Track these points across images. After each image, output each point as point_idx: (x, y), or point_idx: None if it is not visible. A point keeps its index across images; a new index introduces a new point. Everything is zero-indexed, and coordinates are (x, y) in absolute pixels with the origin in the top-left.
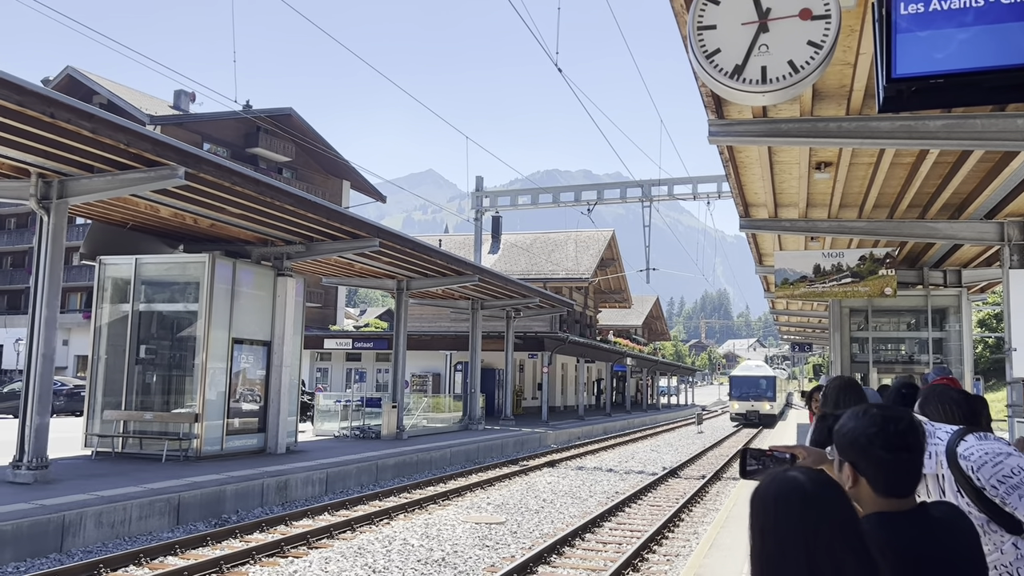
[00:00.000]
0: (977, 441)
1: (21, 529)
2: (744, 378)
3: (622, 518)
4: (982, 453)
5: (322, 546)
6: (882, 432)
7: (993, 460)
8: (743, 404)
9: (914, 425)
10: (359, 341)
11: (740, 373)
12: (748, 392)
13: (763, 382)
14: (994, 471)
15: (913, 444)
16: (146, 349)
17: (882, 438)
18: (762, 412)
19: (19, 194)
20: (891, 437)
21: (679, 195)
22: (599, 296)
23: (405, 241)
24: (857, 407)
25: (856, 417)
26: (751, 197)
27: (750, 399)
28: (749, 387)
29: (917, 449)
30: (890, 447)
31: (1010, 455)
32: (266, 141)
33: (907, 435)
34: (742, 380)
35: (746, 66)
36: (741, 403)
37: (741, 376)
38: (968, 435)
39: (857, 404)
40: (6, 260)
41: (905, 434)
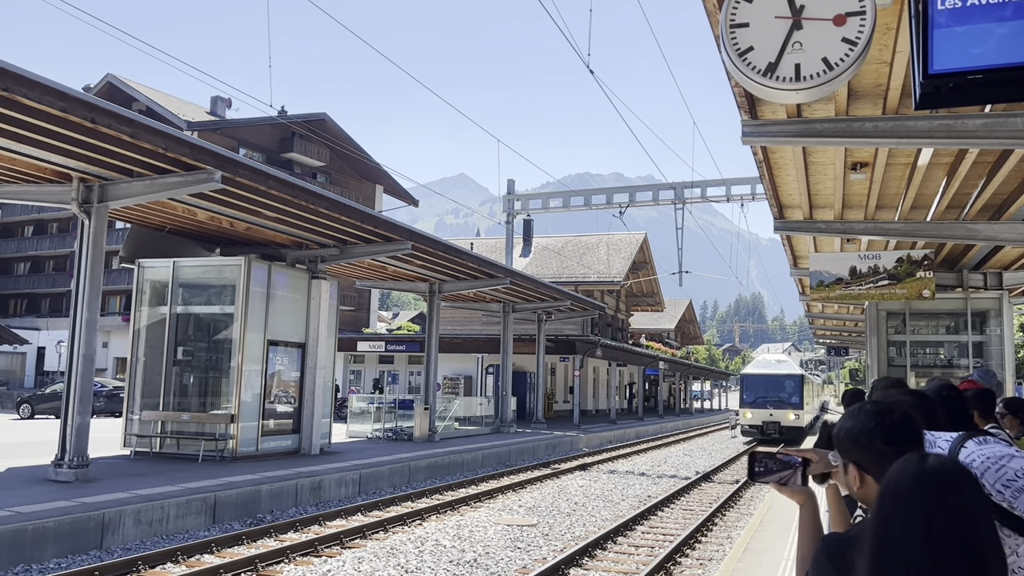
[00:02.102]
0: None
1: (62, 526)
2: (760, 377)
3: (654, 522)
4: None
5: (355, 546)
6: (880, 426)
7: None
8: (758, 413)
9: (909, 416)
10: (392, 344)
11: (755, 371)
12: (765, 396)
13: (786, 383)
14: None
15: (911, 434)
16: (183, 351)
17: (881, 432)
18: (785, 424)
19: (61, 198)
20: (889, 429)
21: (712, 197)
22: (631, 299)
23: (437, 244)
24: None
25: (852, 416)
26: (785, 198)
27: (768, 405)
28: (767, 389)
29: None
30: (890, 440)
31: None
32: (301, 146)
33: (904, 426)
34: (757, 380)
35: (779, 64)
36: (755, 411)
37: (756, 375)
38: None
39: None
40: (48, 264)
41: (902, 425)
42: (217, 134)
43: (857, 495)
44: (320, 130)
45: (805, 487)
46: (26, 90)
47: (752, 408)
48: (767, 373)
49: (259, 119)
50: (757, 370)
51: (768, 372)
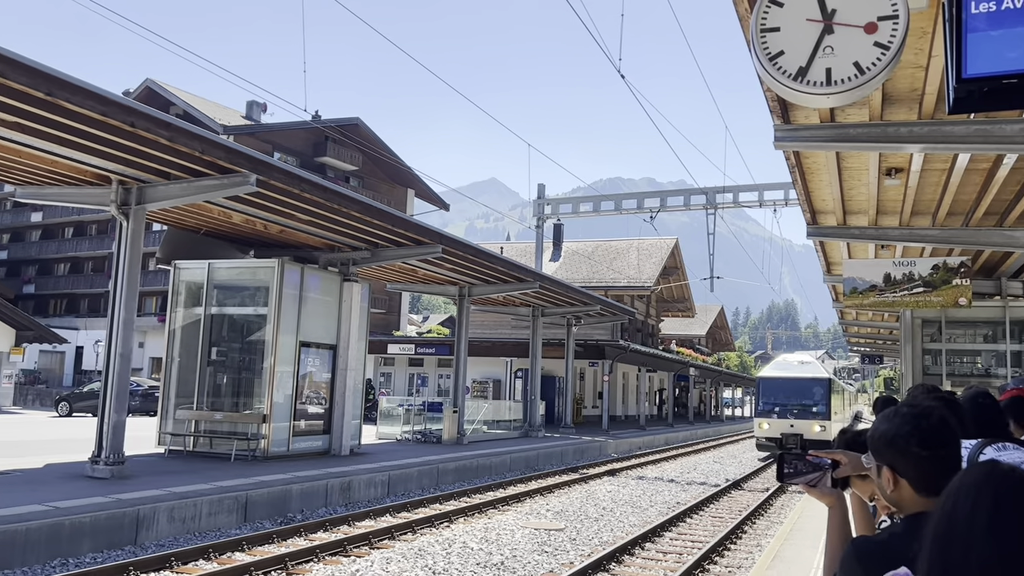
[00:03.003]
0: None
1: (99, 521)
2: (779, 381)
3: (683, 528)
4: None
5: (383, 546)
6: (916, 430)
7: None
8: (776, 423)
9: (945, 420)
10: (421, 347)
11: (773, 373)
12: (786, 403)
13: (811, 388)
14: None
15: (948, 438)
16: (217, 351)
17: (917, 436)
18: (809, 437)
19: (101, 200)
20: (925, 433)
21: (744, 202)
22: (662, 305)
23: (467, 247)
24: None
25: (888, 419)
26: (818, 204)
27: (788, 415)
28: (788, 395)
29: (953, 443)
30: (926, 444)
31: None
32: (334, 150)
33: (941, 430)
34: (776, 384)
35: (810, 68)
36: (773, 421)
37: (775, 379)
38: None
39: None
40: (87, 265)
41: (939, 429)
42: (252, 138)
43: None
44: (353, 134)
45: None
46: (68, 94)
47: (769, 418)
48: (788, 376)
49: (293, 123)
50: (776, 372)
51: (789, 375)
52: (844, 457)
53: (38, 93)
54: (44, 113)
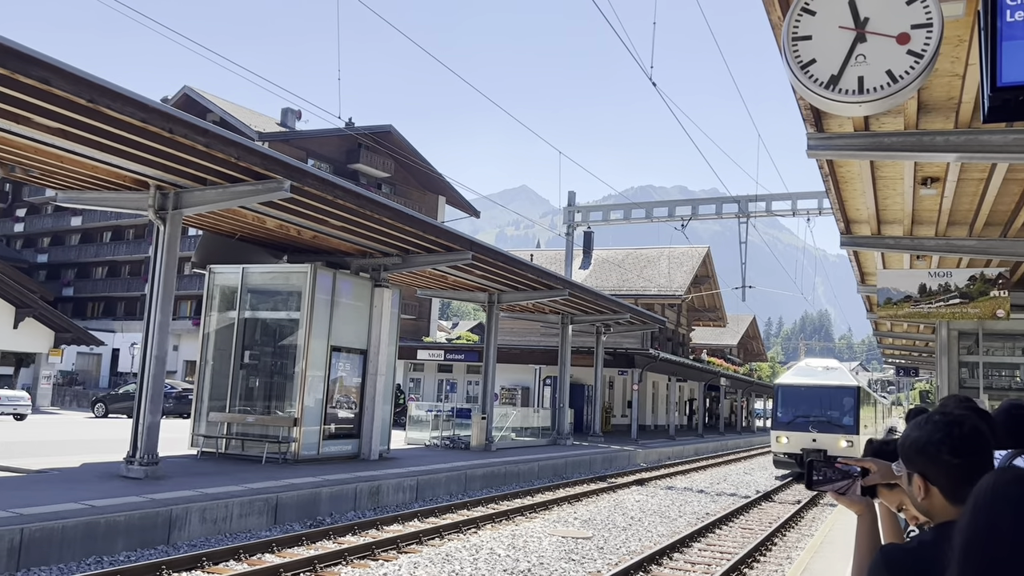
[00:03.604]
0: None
1: (132, 520)
2: (801, 389)
3: (712, 539)
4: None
5: (411, 551)
6: (948, 437)
7: None
8: (797, 437)
9: (977, 428)
10: (451, 353)
11: (793, 380)
12: (807, 415)
13: (837, 398)
14: None
15: (980, 447)
16: (250, 355)
17: (949, 443)
18: (833, 453)
19: (139, 205)
20: (957, 441)
21: (777, 211)
22: (692, 314)
23: (496, 254)
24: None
25: (920, 426)
26: (852, 213)
27: (810, 427)
28: (810, 405)
29: (985, 451)
30: (957, 452)
31: None
32: (367, 157)
33: (973, 438)
34: (797, 393)
35: (842, 76)
36: (793, 435)
37: (795, 386)
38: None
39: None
40: (124, 268)
41: (970, 437)
42: (287, 145)
43: (920, 506)
44: (386, 141)
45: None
46: (109, 101)
47: (788, 430)
48: (811, 384)
49: (327, 131)
50: (797, 379)
51: (812, 382)
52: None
53: (81, 100)
54: (86, 119)
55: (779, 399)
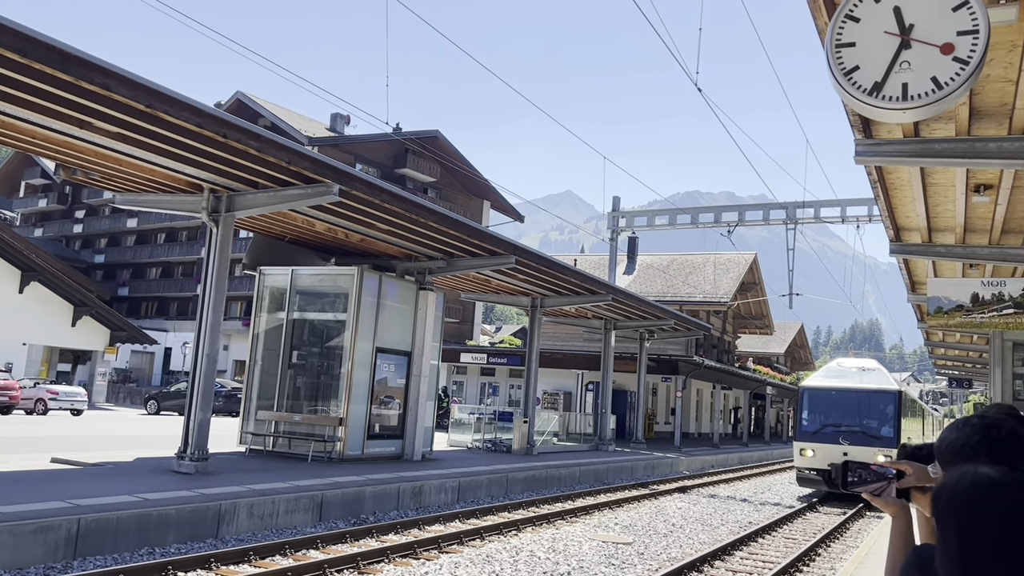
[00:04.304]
0: None
1: (183, 514)
2: (830, 394)
3: (754, 548)
4: None
5: (452, 551)
6: (986, 439)
7: None
8: (825, 450)
9: (1016, 432)
10: (493, 356)
11: (822, 383)
12: (838, 424)
13: (875, 403)
14: None
15: (1018, 450)
16: (298, 355)
17: (987, 446)
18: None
19: (192, 207)
20: (995, 444)
21: (826, 218)
22: (738, 321)
23: (540, 259)
24: (957, 419)
25: (957, 428)
26: (902, 221)
27: (841, 439)
28: (841, 413)
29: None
30: (994, 454)
31: None
32: (413, 162)
33: (1011, 441)
34: (826, 397)
35: (886, 83)
36: (820, 447)
37: (824, 390)
38: None
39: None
40: (177, 269)
41: (1008, 440)
42: (336, 149)
43: None
44: (432, 146)
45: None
46: (166, 106)
47: (814, 442)
48: (842, 387)
49: (375, 135)
50: (826, 382)
51: (844, 385)
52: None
53: (139, 105)
54: (144, 124)
55: (804, 405)
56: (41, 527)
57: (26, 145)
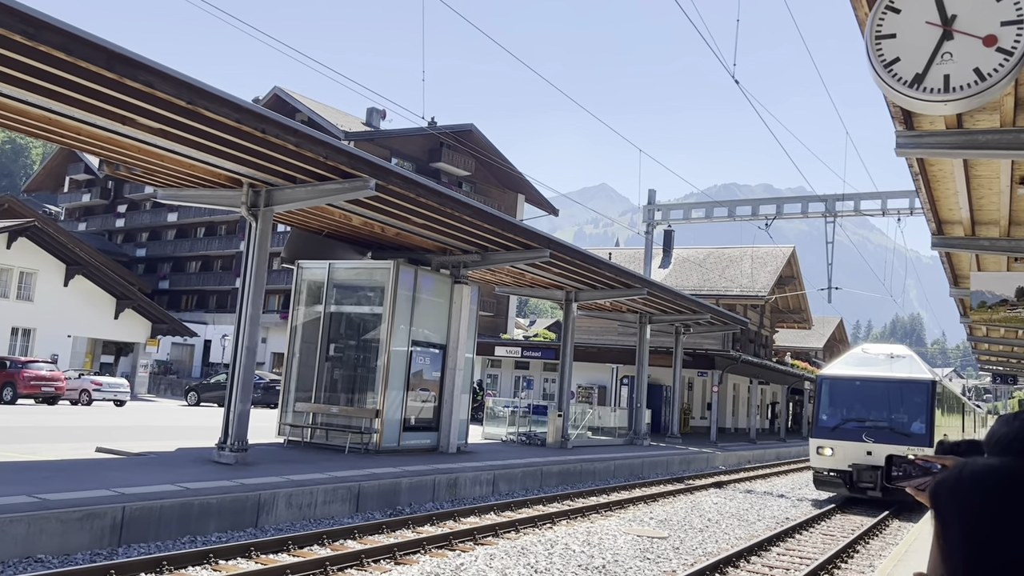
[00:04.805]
0: None
1: (224, 503)
2: (853, 384)
3: (791, 544)
4: None
5: (487, 543)
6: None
7: None
8: (846, 449)
9: None
10: (528, 350)
11: (844, 371)
12: (862, 418)
13: (905, 395)
14: None
15: None
16: (335, 348)
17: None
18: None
19: (232, 202)
20: None
21: (866, 211)
22: (776, 315)
23: (574, 252)
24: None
25: (1008, 422)
26: (944, 213)
27: (865, 436)
28: (865, 405)
29: None
30: None
31: None
32: (448, 156)
33: None
34: (848, 388)
35: (927, 75)
36: (841, 446)
37: (845, 379)
38: None
39: None
40: (217, 263)
41: None
42: (371, 144)
43: None
44: (466, 140)
45: None
46: (207, 103)
47: (834, 439)
48: (867, 376)
49: (410, 130)
50: (849, 370)
51: (868, 374)
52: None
53: (180, 101)
54: (185, 120)
55: (823, 396)
56: (87, 515)
57: (71, 141)
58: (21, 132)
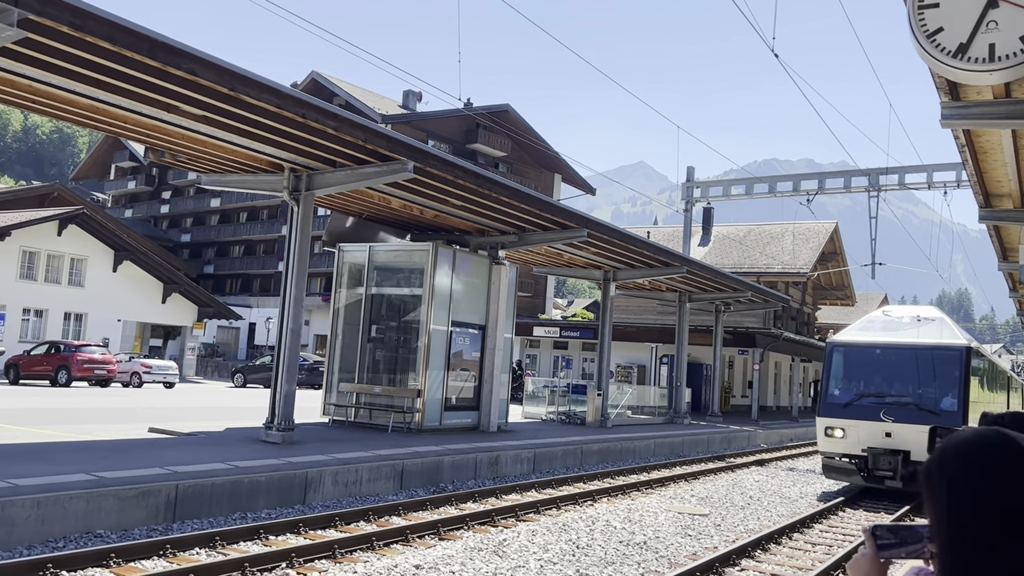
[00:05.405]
0: None
1: (272, 481)
2: (870, 352)
3: (834, 521)
4: None
5: (529, 519)
6: None
7: None
8: (860, 430)
9: None
10: (566, 330)
11: (862, 338)
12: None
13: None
14: None
15: None
16: (376, 329)
17: None
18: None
19: (274, 187)
20: None
21: (911, 184)
22: (818, 292)
23: (612, 231)
24: None
25: None
26: (992, 186)
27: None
28: (884, 378)
29: None
30: None
31: None
32: (484, 137)
33: None
34: (863, 357)
35: (971, 44)
36: (854, 426)
37: (861, 347)
38: None
39: None
40: (260, 247)
41: None
42: (408, 127)
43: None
44: (503, 121)
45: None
46: (248, 88)
47: (845, 418)
48: (887, 343)
49: (446, 112)
50: (866, 336)
51: (889, 341)
52: None
53: (223, 88)
54: (227, 107)
55: (832, 367)
56: (143, 492)
57: (117, 129)
58: (69, 121)
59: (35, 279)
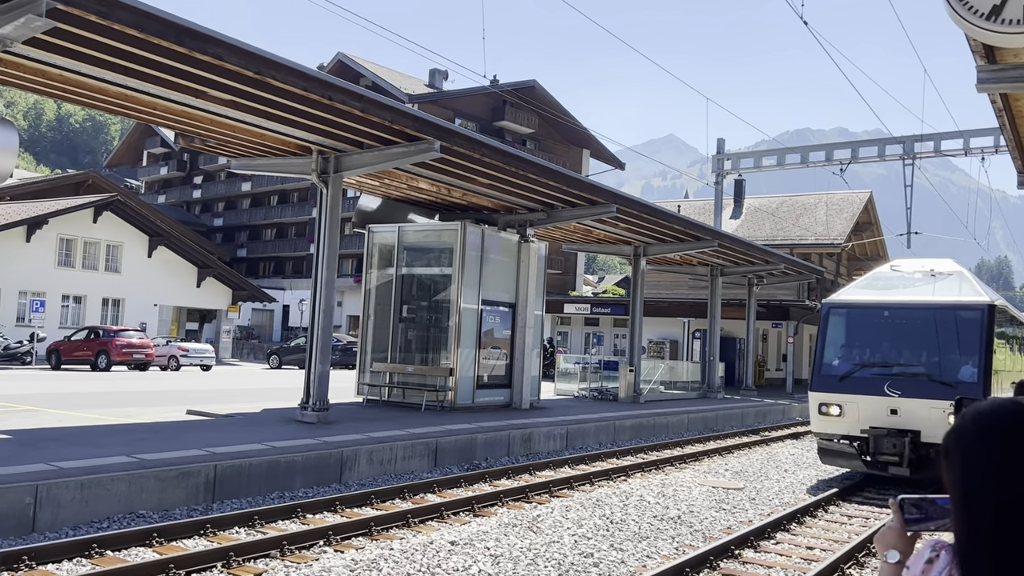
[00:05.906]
0: None
1: (309, 460)
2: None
3: (871, 494)
4: None
5: (563, 495)
6: None
7: None
8: (860, 405)
9: None
10: (597, 307)
11: (863, 297)
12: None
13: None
14: None
15: None
16: (408, 309)
17: None
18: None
19: (303, 169)
20: None
21: (947, 151)
22: (853, 263)
23: (641, 206)
24: None
25: None
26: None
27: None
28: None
29: None
30: None
31: None
32: (511, 114)
33: None
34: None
35: (1005, 6)
36: (853, 401)
37: (862, 307)
38: None
39: None
40: (291, 230)
41: None
42: (435, 106)
43: None
44: (529, 97)
45: None
46: (274, 72)
47: (844, 392)
48: (892, 303)
49: (472, 89)
50: (868, 295)
51: (896, 300)
52: None
53: (249, 72)
54: (254, 90)
55: (828, 333)
56: (183, 473)
57: (147, 116)
58: (100, 109)
59: (73, 266)
